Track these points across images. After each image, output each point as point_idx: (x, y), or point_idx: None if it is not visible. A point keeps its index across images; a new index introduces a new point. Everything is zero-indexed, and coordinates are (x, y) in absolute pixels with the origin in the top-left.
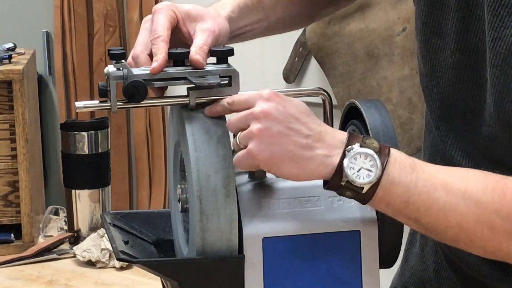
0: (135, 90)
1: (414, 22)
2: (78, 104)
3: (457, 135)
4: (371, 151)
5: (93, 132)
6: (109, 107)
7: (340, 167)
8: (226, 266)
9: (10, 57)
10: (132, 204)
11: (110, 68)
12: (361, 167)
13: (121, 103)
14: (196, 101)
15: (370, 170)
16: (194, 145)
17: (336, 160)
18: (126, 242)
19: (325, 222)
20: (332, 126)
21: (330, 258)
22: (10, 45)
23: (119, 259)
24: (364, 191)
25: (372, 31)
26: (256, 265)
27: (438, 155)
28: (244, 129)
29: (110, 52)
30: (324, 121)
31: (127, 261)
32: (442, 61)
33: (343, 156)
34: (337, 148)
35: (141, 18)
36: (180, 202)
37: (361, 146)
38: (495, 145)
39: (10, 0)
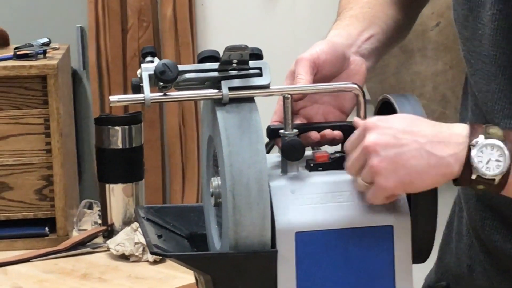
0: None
1: None
2: (112, 98)
3: (495, 96)
4: (497, 142)
5: (126, 126)
6: (143, 100)
7: (468, 163)
8: (258, 260)
9: (44, 52)
10: (165, 198)
11: (143, 65)
12: (489, 158)
13: (154, 97)
14: (229, 95)
15: (499, 161)
16: (227, 140)
17: (463, 156)
18: (159, 236)
19: (357, 217)
20: None
21: (362, 253)
22: (45, 40)
23: (152, 253)
24: (496, 182)
25: None
26: (288, 259)
27: None
28: (363, 166)
29: (142, 50)
30: (358, 116)
31: (160, 255)
32: (484, 16)
33: (469, 150)
34: (460, 144)
35: (174, 13)
36: (213, 197)
37: (485, 137)
38: None
39: None
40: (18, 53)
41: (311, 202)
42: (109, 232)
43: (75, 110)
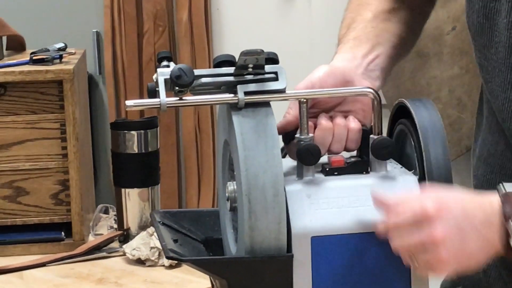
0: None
1: None
2: (128, 102)
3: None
4: None
5: (142, 131)
6: (159, 105)
7: (508, 242)
8: (274, 265)
9: (61, 57)
10: (181, 202)
11: (159, 70)
12: None
13: (170, 102)
14: (245, 100)
15: None
16: (243, 144)
17: (503, 235)
18: (175, 241)
19: (373, 221)
20: (381, 126)
21: (378, 257)
22: (61, 45)
23: (168, 257)
24: None
25: None
26: (304, 264)
27: (485, 148)
28: (420, 251)
29: (158, 55)
30: (374, 120)
31: (176, 259)
32: (500, 24)
33: (506, 225)
34: (502, 224)
35: (190, 18)
36: (229, 201)
37: None
38: None
39: (61, 0)
40: (34, 58)
41: (327, 207)
42: (125, 236)
43: (91, 115)
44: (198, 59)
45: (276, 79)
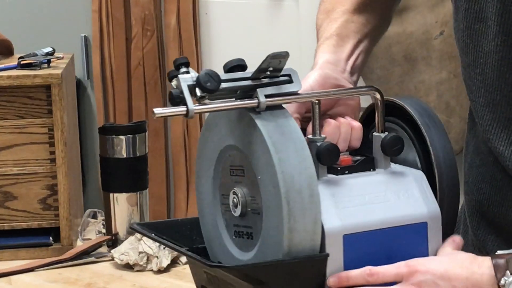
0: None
1: (453, 14)
2: (157, 110)
3: (500, 124)
4: None
5: (131, 136)
6: (186, 112)
7: None
8: (311, 265)
9: (49, 62)
10: (169, 207)
11: (181, 76)
12: None
13: (197, 108)
14: (266, 103)
15: None
16: (274, 147)
17: None
18: None
19: (397, 216)
20: (384, 124)
21: (403, 250)
22: (49, 49)
23: (212, 266)
24: None
25: (409, 34)
26: (336, 262)
27: (478, 157)
28: None
29: (176, 62)
30: (377, 119)
31: (221, 267)
32: (486, 46)
33: None
34: (492, 286)
35: (178, 22)
36: (240, 206)
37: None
38: None
39: (49, 5)
40: (22, 62)
41: (352, 204)
42: (113, 241)
43: (79, 119)
44: None
45: (291, 81)
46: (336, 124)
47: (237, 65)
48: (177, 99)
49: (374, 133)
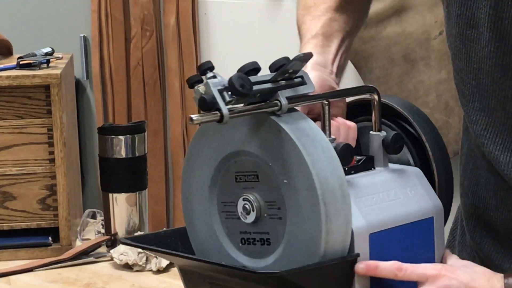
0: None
1: (444, 18)
2: (195, 117)
3: (496, 129)
4: None
5: (130, 136)
6: (220, 117)
7: None
8: (344, 266)
9: (48, 62)
10: (168, 207)
11: (210, 81)
12: None
13: (231, 112)
14: (288, 105)
15: None
16: (305, 149)
17: None
18: None
19: (410, 212)
20: (380, 123)
21: (416, 246)
22: (48, 49)
23: (257, 273)
24: None
25: (408, 34)
26: (363, 261)
27: (471, 160)
28: None
29: (202, 66)
30: (374, 118)
31: (265, 273)
32: (479, 51)
33: None
34: None
35: (177, 22)
36: (254, 212)
37: None
38: None
39: (48, 5)
40: (21, 62)
41: (371, 203)
42: (113, 241)
43: (78, 120)
44: (185, 63)
45: (304, 83)
46: (336, 125)
47: (253, 69)
48: (210, 105)
49: (371, 132)
